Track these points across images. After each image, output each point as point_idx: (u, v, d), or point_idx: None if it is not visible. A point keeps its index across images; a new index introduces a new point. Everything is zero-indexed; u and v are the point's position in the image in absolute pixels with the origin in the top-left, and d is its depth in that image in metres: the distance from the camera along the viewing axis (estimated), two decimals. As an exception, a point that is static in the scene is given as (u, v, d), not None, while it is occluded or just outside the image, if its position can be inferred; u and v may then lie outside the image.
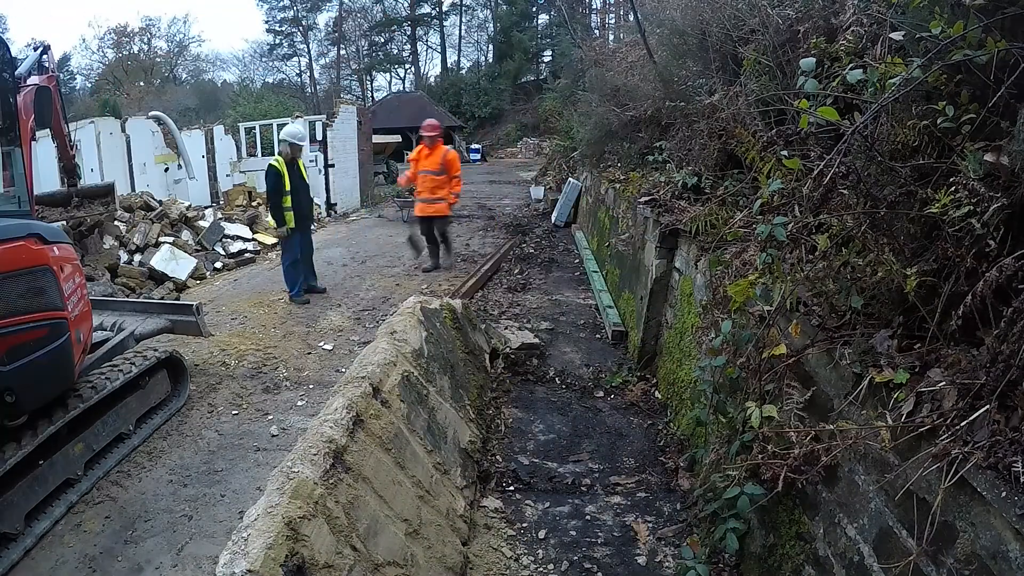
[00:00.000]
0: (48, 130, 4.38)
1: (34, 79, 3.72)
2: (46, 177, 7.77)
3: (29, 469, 2.93)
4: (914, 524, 1.53)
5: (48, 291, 2.90)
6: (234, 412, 4.19)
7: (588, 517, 2.97)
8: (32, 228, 2.92)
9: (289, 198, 6.19)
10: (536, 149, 28.17)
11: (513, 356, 4.76)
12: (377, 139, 19.10)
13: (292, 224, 6.25)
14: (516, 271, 7.90)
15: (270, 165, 6.22)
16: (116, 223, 7.91)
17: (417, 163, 7.50)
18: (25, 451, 2.84)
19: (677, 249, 4.23)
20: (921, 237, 1.78)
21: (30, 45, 3.98)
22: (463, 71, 43.05)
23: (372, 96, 44.03)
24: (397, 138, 23.85)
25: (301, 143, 6.45)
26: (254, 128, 15.46)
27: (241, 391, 4.50)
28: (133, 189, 10.18)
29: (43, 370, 2.87)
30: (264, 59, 44.94)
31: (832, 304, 2.09)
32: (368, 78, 46.40)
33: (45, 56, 3.97)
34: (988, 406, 1.38)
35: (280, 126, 14.48)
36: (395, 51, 45.43)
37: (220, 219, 9.66)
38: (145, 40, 41.17)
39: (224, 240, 9.15)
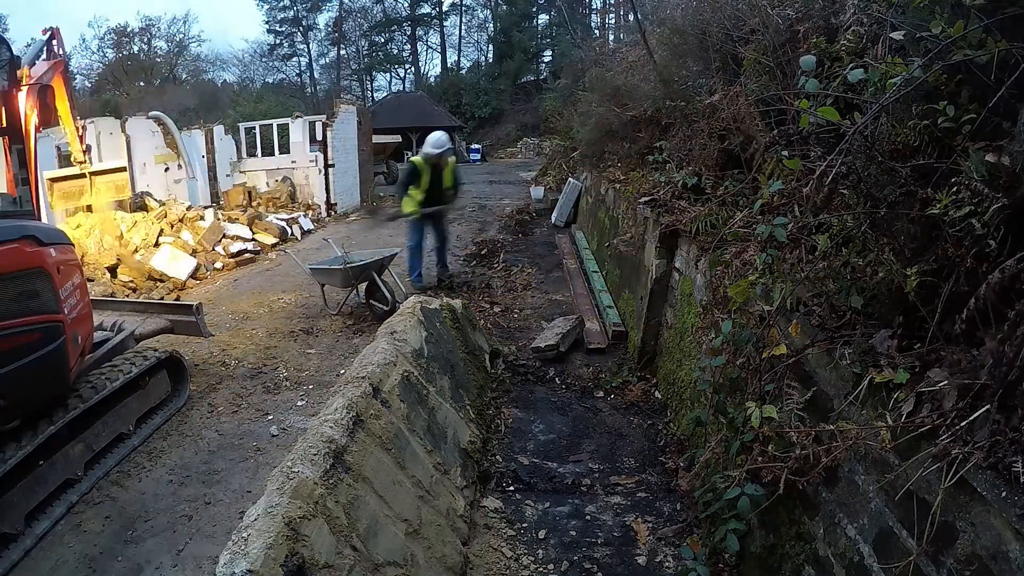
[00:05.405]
0: (47, 131, 4.39)
1: (42, 64, 3.70)
2: (46, 177, 7.76)
3: (29, 469, 2.92)
4: (914, 524, 1.53)
5: (43, 294, 2.87)
6: (234, 412, 4.19)
7: (588, 517, 2.97)
8: (27, 230, 2.87)
9: None
10: (536, 149, 28.13)
11: (513, 357, 4.76)
12: (377, 139, 19.09)
13: None
14: (516, 270, 7.89)
15: None
16: (116, 223, 7.92)
17: None
18: (25, 451, 2.83)
19: (677, 249, 4.22)
20: (921, 237, 1.77)
21: (31, 45, 4.00)
22: (463, 71, 43.05)
23: (372, 96, 43.98)
24: (397, 138, 23.86)
25: None
26: (254, 128, 15.43)
27: (241, 391, 4.50)
28: (133, 189, 10.16)
29: (35, 375, 2.82)
30: (264, 59, 44.90)
31: (832, 304, 2.09)
32: (368, 78, 46.37)
33: (54, 41, 3.98)
34: (988, 406, 1.38)
35: (280, 126, 14.54)
36: (395, 51, 45.40)
37: (220, 219, 9.66)
38: (145, 40, 41.13)
39: (224, 240, 9.15)
